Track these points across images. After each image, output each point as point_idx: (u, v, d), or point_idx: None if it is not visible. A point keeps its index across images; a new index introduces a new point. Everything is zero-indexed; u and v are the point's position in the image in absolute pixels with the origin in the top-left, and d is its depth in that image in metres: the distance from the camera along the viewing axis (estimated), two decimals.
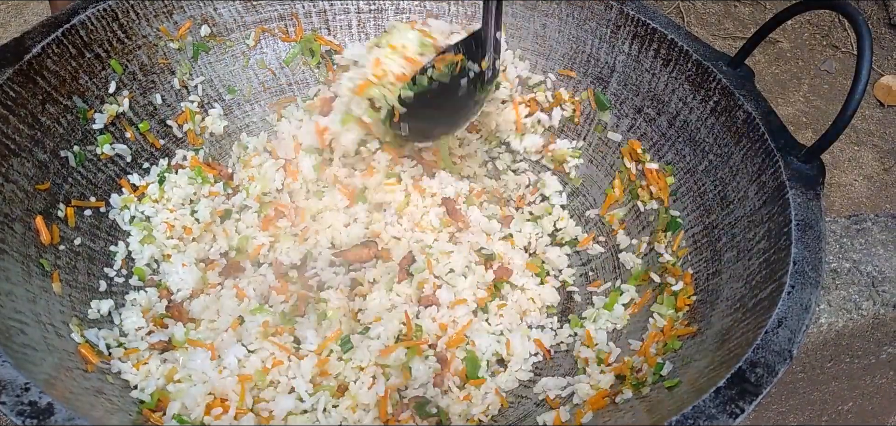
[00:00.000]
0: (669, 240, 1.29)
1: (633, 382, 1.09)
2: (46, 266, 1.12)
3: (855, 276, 1.43)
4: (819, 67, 2.93)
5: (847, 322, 1.38)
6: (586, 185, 1.49)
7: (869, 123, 2.83)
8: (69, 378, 0.98)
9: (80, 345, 1.06)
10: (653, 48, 1.39)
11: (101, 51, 1.31)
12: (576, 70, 1.52)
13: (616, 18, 1.43)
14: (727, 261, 1.17)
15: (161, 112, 1.42)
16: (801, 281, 0.99)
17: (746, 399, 0.87)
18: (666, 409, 0.97)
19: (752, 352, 0.91)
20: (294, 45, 1.56)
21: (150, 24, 1.38)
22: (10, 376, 0.84)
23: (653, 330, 1.18)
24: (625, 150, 1.44)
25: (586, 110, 1.50)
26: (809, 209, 1.07)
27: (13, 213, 1.11)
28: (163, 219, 1.33)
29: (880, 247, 1.48)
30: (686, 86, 1.35)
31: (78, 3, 1.28)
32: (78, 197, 1.24)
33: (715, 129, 1.29)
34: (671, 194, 1.34)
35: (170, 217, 1.33)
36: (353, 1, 1.57)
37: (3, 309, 0.98)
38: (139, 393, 1.07)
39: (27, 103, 1.17)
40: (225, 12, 1.47)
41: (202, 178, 1.40)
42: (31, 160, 1.17)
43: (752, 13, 3.20)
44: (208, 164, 1.44)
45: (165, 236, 1.31)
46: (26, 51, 1.18)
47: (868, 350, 1.48)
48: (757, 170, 1.18)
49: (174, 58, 1.43)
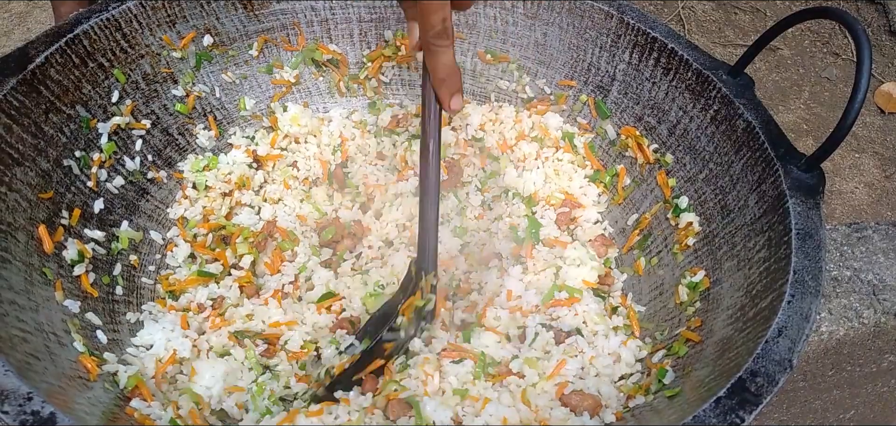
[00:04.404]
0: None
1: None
2: (49, 275, 1.13)
3: (856, 285, 1.43)
4: (820, 74, 2.93)
5: (848, 330, 1.38)
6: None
7: (870, 131, 2.83)
8: (71, 387, 0.99)
9: (82, 355, 1.06)
10: (653, 57, 1.40)
11: (105, 60, 1.31)
12: (576, 79, 1.52)
13: (616, 27, 1.44)
14: (728, 270, 1.17)
15: (164, 121, 1.43)
16: (801, 290, 0.99)
17: (747, 409, 0.87)
18: (666, 419, 0.97)
19: (752, 361, 0.91)
20: (296, 53, 1.57)
21: (153, 34, 1.39)
22: (13, 385, 0.85)
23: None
24: (623, 142, 1.44)
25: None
26: (809, 218, 1.07)
27: (16, 221, 1.11)
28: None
29: (881, 255, 1.48)
30: (686, 94, 1.35)
31: (81, 12, 1.29)
32: (80, 206, 1.25)
33: (715, 138, 1.29)
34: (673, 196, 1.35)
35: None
36: (355, 10, 1.57)
37: (6, 317, 0.98)
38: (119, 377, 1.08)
39: (30, 113, 1.18)
40: (228, 22, 1.48)
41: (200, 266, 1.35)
42: (35, 169, 1.18)
43: (752, 21, 3.21)
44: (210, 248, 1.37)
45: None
46: (30, 60, 1.19)
47: (869, 358, 1.48)
48: (757, 179, 1.18)
49: (177, 67, 1.44)
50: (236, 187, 1.45)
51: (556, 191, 1.46)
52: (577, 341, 1.19)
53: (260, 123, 1.56)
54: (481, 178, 1.52)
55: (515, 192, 1.48)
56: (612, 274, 1.37)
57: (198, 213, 1.40)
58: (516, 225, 1.41)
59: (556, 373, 1.13)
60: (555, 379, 1.13)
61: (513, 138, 1.53)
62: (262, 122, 1.57)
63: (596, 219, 1.45)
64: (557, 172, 1.48)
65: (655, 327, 1.23)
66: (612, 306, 1.30)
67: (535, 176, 1.47)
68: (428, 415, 1.08)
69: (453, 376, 1.14)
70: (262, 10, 1.51)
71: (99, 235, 1.26)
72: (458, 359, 1.18)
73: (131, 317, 1.23)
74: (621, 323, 1.26)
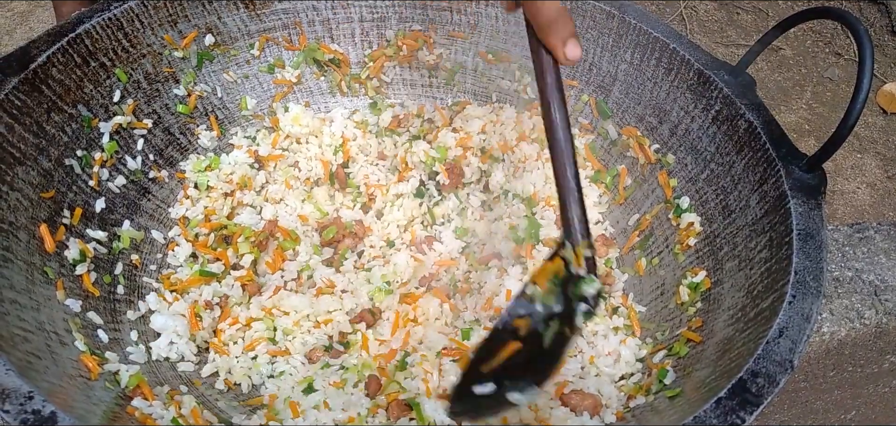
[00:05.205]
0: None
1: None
2: (50, 274, 1.13)
3: (857, 285, 1.43)
4: (822, 74, 2.93)
5: (849, 331, 1.37)
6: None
7: (872, 131, 2.82)
8: (72, 386, 0.99)
9: (83, 354, 1.07)
10: (654, 57, 1.40)
11: (106, 59, 1.32)
12: (578, 79, 1.52)
13: (618, 27, 1.43)
14: (729, 270, 1.17)
15: (165, 120, 1.43)
16: (803, 291, 0.99)
17: (747, 409, 0.87)
18: (667, 419, 0.97)
19: (753, 362, 0.91)
20: (298, 53, 1.57)
21: (154, 34, 1.39)
22: (14, 384, 0.85)
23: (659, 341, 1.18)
24: (624, 142, 1.44)
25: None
26: (811, 219, 1.07)
27: (18, 221, 1.12)
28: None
29: (883, 255, 1.48)
30: (688, 95, 1.35)
31: (83, 11, 1.29)
32: (82, 205, 1.25)
33: (717, 139, 1.29)
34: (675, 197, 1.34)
35: None
36: (357, 9, 1.57)
37: (7, 316, 0.98)
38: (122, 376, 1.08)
39: (32, 112, 1.18)
40: (229, 21, 1.48)
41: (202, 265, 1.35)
42: (36, 168, 1.18)
43: (754, 21, 3.21)
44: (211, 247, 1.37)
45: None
46: (32, 60, 1.19)
47: (871, 359, 1.48)
48: (758, 179, 1.18)
49: (179, 66, 1.44)
50: (238, 187, 1.45)
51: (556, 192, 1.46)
52: (576, 341, 1.19)
53: (261, 123, 1.57)
54: (481, 179, 1.52)
55: (515, 193, 1.48)
56: (612, 274, 1.37)
57: (199, 213, 1.40)
58: (516, 225, 1.41)
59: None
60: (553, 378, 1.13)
61: (513, 139, 1.52)
62: (263, 121, 1.57)
63: (597, 220, 1.45)
64: None
65: (656, 327, 1.23)
66: (612, 306, 1.30)
67: (535, 176, 1.47)
68: (428, 414, 1.08)
69: (453, 376, 1.14)
70: (263, 9, 1.51)
71: (100, 235, 1.26)
72: (458, 357, 1.18)
73: (131, 315, 1.23)
74: (622, 323, 1.26)
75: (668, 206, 1.36)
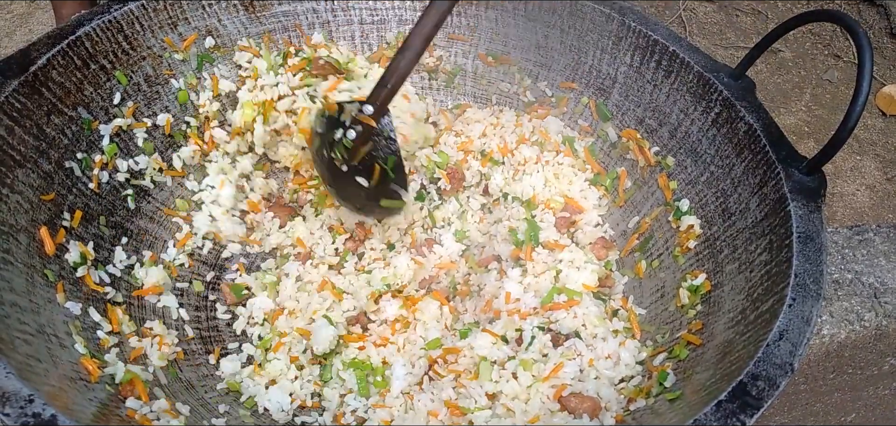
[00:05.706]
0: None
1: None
2: (51, 277, 1.13)
3: (857, 287, 1.43)
4: (821, 77, 2.93)
5: (849, 333, 1.38)
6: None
7: (871, 133, 2.83)
8: (73, 389, 0.99)
9: (83, 357, 1.07)
10: (654, 59, 1.40)
11: (106, 62, 1.32)
12: (577, 81, 1.52)
13: (617, 30, 1.44)
14: (729, 273, 1.17)
15: (165, 122, 1.43)
16: (802, 293, 0.99)
17: (748, 412, 0.87)
18: (667, 422, 0.97)
19: (753, 365, 0.91)
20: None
21: (154, 36, 1.39)
22: (15, 388, 0.85)
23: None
24: (624, 144, 1.45)
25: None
26: (811, 221, 1.07)
27: (18, 223, 1.12)
28: None
29: (882, 258, 1.48)
30: (687, 97, 1.35)
31: (83, 14, 1.29)
32: (82, 207, 1.25)
33: (716, 141, 1.29)
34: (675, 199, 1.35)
35: None
36: (356, 11, 1.58)
37: (7, 319, 0.98)
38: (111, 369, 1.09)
39: (32, 114, 1.18)
40: (229, 24, 1.48)
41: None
42: (36, 171, 1.18)
43: (754, 23, 3.21)
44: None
45: None
46: (32, 62, 1.19)
47: (870, 361, 1.48)
48: (758, 182, 1.18)
49: (179, 69, 1.44)
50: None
51: (556, 194, 1.46)
52: (575, 344, 1.19)
53: None
54: (481, 182, 1.52)
55: (515, 195, 1.48)
56: (612, 276, 1.36)
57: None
58: (515, 228, 1.41)
59: (552, 376, 1.13)
60: (552, 381, 1.13)
61: (513, 142, 1.52)
62: None
63: (596, 222, 1.45)
64: (557, 176, 1.48)
65: (656, 330, 1.23)
66: (612, 309, 1.30)
67: (535, 179, 1.47)
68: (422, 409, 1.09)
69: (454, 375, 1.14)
70: (263, 11, 1.51)
71: (101, 236, 1.26)
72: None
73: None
74: (622, 326, 1.26)
75: (667, 208, 1.36)
